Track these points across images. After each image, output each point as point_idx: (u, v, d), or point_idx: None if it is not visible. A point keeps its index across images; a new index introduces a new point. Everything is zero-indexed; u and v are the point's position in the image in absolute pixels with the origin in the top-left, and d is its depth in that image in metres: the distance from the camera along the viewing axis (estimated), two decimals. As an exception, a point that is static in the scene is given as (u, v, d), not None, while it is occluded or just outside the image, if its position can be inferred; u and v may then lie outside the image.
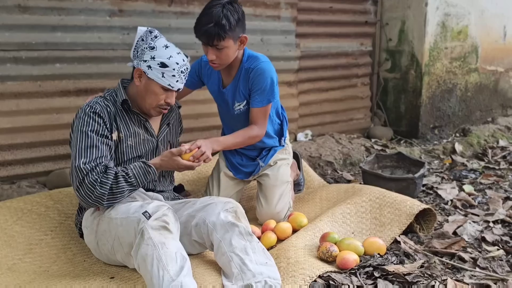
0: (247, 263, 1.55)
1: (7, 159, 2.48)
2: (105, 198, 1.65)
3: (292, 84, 3.51)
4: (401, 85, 4.00)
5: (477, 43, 4.15)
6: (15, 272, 1.77)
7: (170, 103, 1.81)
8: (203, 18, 1.93)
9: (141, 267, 1.50)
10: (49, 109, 2.55)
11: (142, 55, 1.75)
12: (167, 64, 1.72)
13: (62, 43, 2.54)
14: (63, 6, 2.51)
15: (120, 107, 1.80)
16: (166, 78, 1.74)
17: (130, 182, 1.68)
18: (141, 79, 1.77)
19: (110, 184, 1.65)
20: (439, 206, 2.54)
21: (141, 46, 1.76)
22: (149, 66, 1.73)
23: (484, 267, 1.80)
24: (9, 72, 2.43)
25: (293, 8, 3.40)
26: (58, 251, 1.96)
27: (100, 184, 1.64)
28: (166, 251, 1.46)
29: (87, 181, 1.63)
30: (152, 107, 1.80)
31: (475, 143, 3.80)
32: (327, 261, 1.82)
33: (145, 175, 1.72)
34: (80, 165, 1.64)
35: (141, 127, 1.85)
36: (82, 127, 1.71)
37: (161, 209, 1.57)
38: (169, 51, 1.74)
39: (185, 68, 1.78)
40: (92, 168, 1.65)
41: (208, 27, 1.90)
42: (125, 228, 1.59)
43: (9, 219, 2.04)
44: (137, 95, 1.81)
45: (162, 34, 1.80)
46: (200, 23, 1.93)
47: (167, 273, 1.42)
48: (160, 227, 1.52)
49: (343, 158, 3.35)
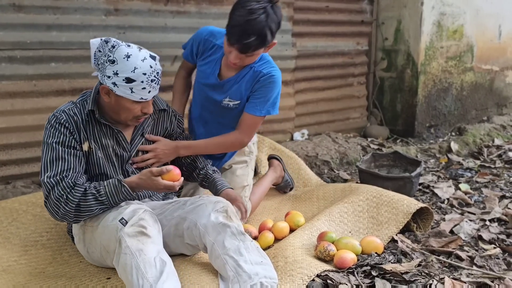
0: (241, 265, 1.52)
1: (2, 159, 2.46)
2: (72, 216, 1.57)
3: (289, 84, 3.51)
4: (397, 84, 4.01)
5: (473, 42, 4.17)
6: (10, 273, 1.75)
7: (147, 112, 1.69)
8: (246, 27, 1.74)
9: (122, 276, 1.48)
10: (44, 109, 2.53)
11: (104, 69, 1.59)
12: (134, 78, 1.57)
13: (58, 42, 2.52)
14: (58, 5, 2.49)
15: (87, 118, 1.67)
16: (136, 93, 1.60)
17: (100, 200, 1.58)
18: (110, 96, 1.63)
19: (77, 201, 1.56)
20: (436, 204, 2.55)
21: (100, 58, 1.60)
22: (114, 83, 1.58)
23: (481, 266, 1.80)
24: (3, 72, 2.41)
25: (290, 7, 3.39)
26: (53, 253, 1.94)
27: (66, 200, 1.55)
28: (144, 258, 1.42)
29: (52, 197, 1.55)
30: (129, 119, 1.70)
31: (471, 142, 3.81)
32: (324, 260, 1.82)
33: (117, 195, 1.59)
34: (45, 179, 1.57)
35: (112, 138, 1.74)
36: (48, 138, 1.63)
37: (137, 213, 1.52)
38: (132, 61, 1.56)
39: (156, 73, 1.62)
40: (57, 182, 1.56)
41: (251, 40, 1.76)
42: (107, 237, 1.55)
43: (4, 220, 2.03)
44: (109, 109, 1.69)
45: (119, 41, 1.62)
46: (240, 32, 1.75)
47: (146, 281, 1.39)
48: (137, 233, 1.48)
49: (339, 157, 3.35)
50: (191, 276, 1.60)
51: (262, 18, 1.75)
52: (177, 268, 1.62)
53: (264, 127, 3.40)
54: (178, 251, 1.78)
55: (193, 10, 2.95)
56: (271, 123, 3.45)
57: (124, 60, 1.56)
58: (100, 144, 1.70)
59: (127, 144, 1.77)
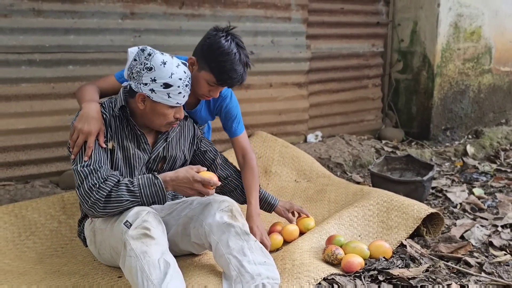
0: (245, 265, 1.55)
1: (21, 159, 2.55)
2: (101, 206, 1.55)
3: (303, 86, 3.52)
4: (412, 86, 3.97)
5: (491, 43, 4.10)
6: (26, 275, 1.82)
7: (180, 117, 1.73)
8: (240, 69, 1.81)
9: (128, 279, 1.51)
10: (62, 111, 2.60)
11: (140, 78, 1.63)
12: (171, 84, 1.63)
13: (75, 46, 2.59)
14: (76, 9, 2.56)
15: (117, 113, 1.72)
16: (172, 98, 1.65)
17: (132, 191, 1.57)
18: (145, 103, 1.67)
19: (109, 190, 1.56)
20: (448, 209, 2.53)
21: (135, 66, 1.64)
22: (152, 90, 1.63)
23: (489, 272, 1.79)
24: (23, 74, 2.49)
25: (304, 9, 3.40)
26: (68, 259, 2.01)
27: (98, 189, 1.56)
28: (148, 260, 1.45)
29: (85, 185, 1.57)
30: (162, 125, 1.74)
31: (488, 145, 3.76)
32: (332, 264, 1.83)
33: (150, 187, 1.59)
34: (79, 168, 1.59)
35: (133, 140, 1.76)
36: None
37: (140, 215, 1.54)
38: (168, 68, 1.63)
39: (188, 78, 1.70)
40: (91, 171, 1.58)
41: (244, 75, 1.84)
42: (114, 239, 1.59)
43: (23, 233, 2.11)
44: (143, 116, 1.72)
45: (154, 49, 1.67)
46: (234, 75, 1.80)
47: (150, 283, 1.42)
48: (141, 235, 1.50)
49: (352, 159, 3.34)
50: (198, 277, 1.63)
51: (240, 52, 1.82)
52: (184, 269, 1.67)
53: (277, 129, 3.42)
54: (186, 250, 1.82)
55: (208, 13, 2.99)
56: (284, 125, 3.47)
57: (161, 66, 1.62)
58: (122, 146, 1.73)
59: (148, 147, 1.80)
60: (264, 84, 3.31)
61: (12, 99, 2.48)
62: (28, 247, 2.06)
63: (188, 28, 2.93)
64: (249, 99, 3.25)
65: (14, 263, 1.93)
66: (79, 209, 2.23)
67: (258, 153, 2.94)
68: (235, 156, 2.19)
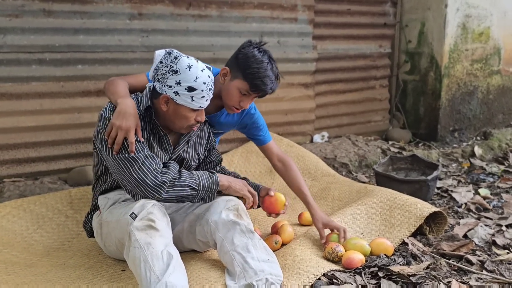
0: (248, 261, 1.58)
1: (31, 156, 2.60)
2: (166, 188, 1.61)
3: (309, 86, 3.54)
4: (420, 87, 3.97)
5: (500, 44, 4.07)
6: (33, 267, 1.86)
7: (200, 120, 1.75)
8: (270, 75, 1.86)
9: (132, 269, 1.54)
10: (71, 109, 2.66)
11: (164, 80, 1.65)
12: (195, 87, 1.65)
13: (84, 45, 2.65)
14: (85, 10, 2.62)
15: (143, 113, 1.73)
16: (195, 101, 1.67)
17: (193, 178, 1.67)
18: (168, 105, 1.69)
19: (173, 174, 1.64)
20: (452, 209, 2.52)
21: (161, 68, 1.66)
22: (176, 92, 1.65)
23: (491, 270, 1.78)
24: (33, 73, 2.55)
25: (310, 10, 3.42)
26: (74, 252, 2.05)
27: (162, 173, 1.62)
28: (152, 251, 1.48)
29: (146, 169, 1.60)
30: (183, 128, 1.76)
31: (496, 146, 3.73)
32: (333, 261, 1.84)
33: (208, 179, 1.70)
34: (132, 155, 1.61)
35: (156, 140, 1.78)
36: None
37: (146, 207, 1.56)
38: (193, 71, 1.64)
39: (212, 83, 1.71)
40: (146, 156, 1.62)
41: (275, 85, 1.91)
42: (120, 231, 1.62)
43: (30, 226, 2.15)
44: (165, 118, 1.74)
45: (180, 53, 1.69)
46: (268, 81, 1.86)
47: (153, 273, 1.45)
48: (145, 226, 1.53)
49: (358, 159, 3.35)
50: (200, 271, 1.66)
51: (271, 63, 1.88)
52: (187, 262, 1.70)
53: (283, 129, 3.44)
54: (190, 247, 1.85)
55: (214, 14, 3.03)
56: (290, 125, 3.49)
57: (186, 70, 1.64)
58: (148, 144, 1.75)
59: (170, 147, 1.82)
60: (270, 84, 3.33)
61: (23, 97, 2.55)
62: (36, 240, 2.11)
63: (195, 29, 2.97)
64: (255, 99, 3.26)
65: (21, 255, 1.98)
66: (87, 204, 2.28)
67: (262, 153, 2.95)
68: (270, 162, 2.23)
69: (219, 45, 3.06)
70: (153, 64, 1.70)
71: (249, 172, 2.88)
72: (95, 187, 1.87)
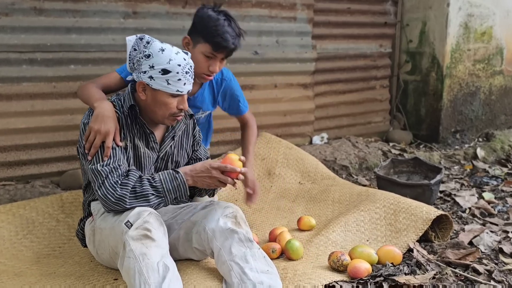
0: (247, 272, 1.51)
1: (22, 159, 2.52)
2: (127, 200, 1.55)
3: (308, 86, 3.46)
4: (421, 88, 3.90)
5: (502, 44, 4.00)
6: (21, 276, 1.79)
7: (183, 108, 1.69)
8: (229, 30, 1.89)
9: (126, 280, 1.48)
10: (63, 110, 2.58)
11: (139, 66, 1.62)
12: (169, 69, 1.59)
13: (77, 45, 2.57)
14: (77, 8, 2.54)
15: (127, 112, 1.69)
16: (172, 85, 1.61)
17: (155, 186, 1.58)
18: (146, 92, 1.65)
19: (133, 184, 1.57)
20: (456, 214, 2.45)
21: (135, 56, 1.64)
22: (150, 77, 1.60)
23: (499, 280, 1.71)
24: (24, 74, 2.46)
25: (310, 9, 3.35)
26: (65, 259, 1.97)
27: (121, 185, 1.56)
28: (147, 263, 1.42)
29: (107, 182, 1.56)
30: (165, 117, 1.69)
31: (499, 148, 3.67)
32: (338, 270, 1.77)
33: (172, 181, 1.60)
34: (98, 167, 1.57)
35: (142, 139, 1.73)
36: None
37: (142, 215, 1.50)
38: (166, 54, 1.60)
39: (189, 67, 1.65)
40: (111, 169, 1.57)
41: (237, 41, 1.92)
42: (114, 238, 1.56)
43: (20, 232, 2.07)
44: (146, 108, 1.70)
45: (153, 37, 1.67)
46: (227, 37, 1.88)
47: (148, 286, 1.38)
48: (141, 236, 1.47)
49: (359, 162, 3.28)
50: (196, 281, 1.59)
51: (232, 21, 1.95)
52: (183, 272, 1.62)
53: (282, 131, 3.37)
54: (186, 256, 1.77)
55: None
56: (289, 127, 3.41)
57: (159, 53, 1.60)
58: (133, 144, 1.71)
59: (156, 145, 1.77)
60: (269, 84, 3.26)
61: (13, 98, 2.46)
62: (25, 246, 2.03)
63: (191, 28, 2.88)
64: (254, 100, 3.20)
65: (10, 263, 1.90)
66: (79, 208, 2.21)
67: (262, 155, 2.88)
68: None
69: (217, 44, 2.98)
70: (127, 52, 1.67)
71: (247, 175, 2.80)
72: (85, 193, 1.80)
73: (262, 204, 2.56)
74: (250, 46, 3.12)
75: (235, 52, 1.98)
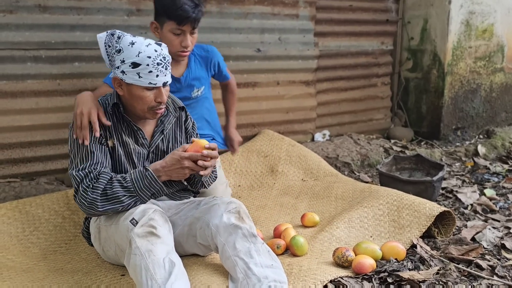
0: (251, 267, 1.52)
1: (27, 156, 2.53)
2: (99, 204, 1.56)
3: (310, 84, 3.47)
4: (422, 85, 3.91)
5: (503, 42, 4.02)
6: (29, 272, 1.81)
7: (161, 101, 1.67)
8: (187, 4, 1.96)
9: (132, 277, 1.49)
10: (68, 107, 2.58)
11: (114, 62, 1.64)
12: (139, 62, 1.59)
13: (81, 42, 2.57)
14: (81, 5, 2.54)
15: (111, 111, 1.71)
16: (143, 77, 1.60)
17: (126, 187, 1.58)
18: (122, 87, 1.66)
19: (103, 187, 1.57)
20: (458, 210, 2.47)
21: (110, 53, 1.66)
22: (123, 71, 1.61)
23: (502, 276, 1.73)
24: (29, 71, 2.47)
25: (312, 6, 3.35)
26: (72, 256, 1.99)
27: (92, 188, 1.57)
28: (153, 259, 1.43)
29: (81, 189, 1.58)
30: (145, 111, 1.69)
31: (499, 145, 3.69)
32: (342, 266, 1.79)
33: (143, 180, 1.59)
34: (74, 172, 1.60)
35: (131, 136, 1.75)
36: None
37: (147, 213, 1.52)
38: (136, 47, 1.59)
39: (161, 58, 1.62)
40: (86, 174, 1.59)
41: (197, 10, 1.99)
42: (120, 236, 1.57)
43: (26, 228, 2.09)
44: (126, 103, 1.72)
45: (124, 32, 1.67)
46: (186, 7, 1.96)
47: (155, 282, 1.40)
48: (146, 233, 1.48)
49: (360, 159, 3.29)
50: (202, 277, 1.60)
51: None
52: (189, 268, 1.64)
53: (284, 128, 3.38)
54: (192, 251, 1.79)
55: (214, 10, 2.96)
56: (291, 124, 3.43)
57: (129, 47, 1.61)
58: (122, 141, 1.72)
59: (146, 141, 1.78)
60: (271, 82, 3.27)
61: (18, 96, 2.47)
62: (32, 243, 2.04)
63: (194, 25, 2.89)
64: (256, 97, 3.21)
65: (17, 259, 1.92)
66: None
67: (264, 152, 2.90)
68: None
69: (219, 41, 2.99)
70: (101, 50, 1.69)
71: (249, 172, 2.82)
72: None
73: (266, 201, 2.58)
74: (253, 44, 3.13)
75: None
